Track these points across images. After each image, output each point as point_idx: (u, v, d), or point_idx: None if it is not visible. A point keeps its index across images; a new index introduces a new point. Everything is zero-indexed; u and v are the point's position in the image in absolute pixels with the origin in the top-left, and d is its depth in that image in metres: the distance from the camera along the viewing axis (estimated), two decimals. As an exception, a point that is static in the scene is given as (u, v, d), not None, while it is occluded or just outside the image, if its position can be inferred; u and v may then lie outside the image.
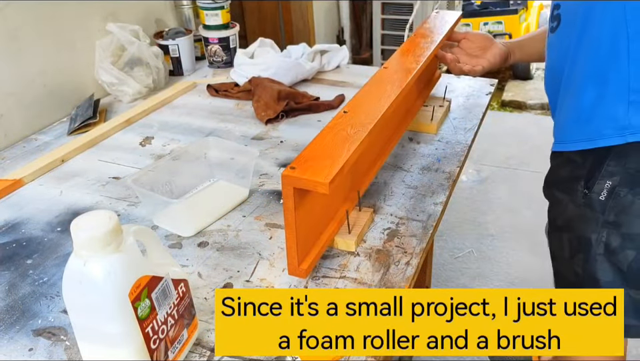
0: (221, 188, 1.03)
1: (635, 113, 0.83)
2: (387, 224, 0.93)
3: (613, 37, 0.82)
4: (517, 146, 2.95)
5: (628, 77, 0.83)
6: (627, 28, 0.81)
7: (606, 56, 0.84)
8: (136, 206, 1.01)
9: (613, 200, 0.89)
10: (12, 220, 0.99)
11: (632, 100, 0.83)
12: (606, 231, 0.91)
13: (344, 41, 3.50)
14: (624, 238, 0.90)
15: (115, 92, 1.45)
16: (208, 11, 1.59)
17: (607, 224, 0.91)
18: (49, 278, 0.85)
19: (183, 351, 0.69)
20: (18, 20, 1.24)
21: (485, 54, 1.16)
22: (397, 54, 1.10)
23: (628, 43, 0.81)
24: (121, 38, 1.44)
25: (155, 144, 1.24)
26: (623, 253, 0.90)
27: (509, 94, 3.62)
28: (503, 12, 3.64)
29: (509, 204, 2.50)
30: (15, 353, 0.72)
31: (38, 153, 1.22)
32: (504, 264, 2.16)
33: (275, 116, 1.30)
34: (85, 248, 0.57)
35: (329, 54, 1.60)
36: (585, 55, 0.87)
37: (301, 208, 0.76)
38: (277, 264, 0.85)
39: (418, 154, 1.14)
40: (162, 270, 0.64)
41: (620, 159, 0.87)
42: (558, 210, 1.01)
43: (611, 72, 0.84)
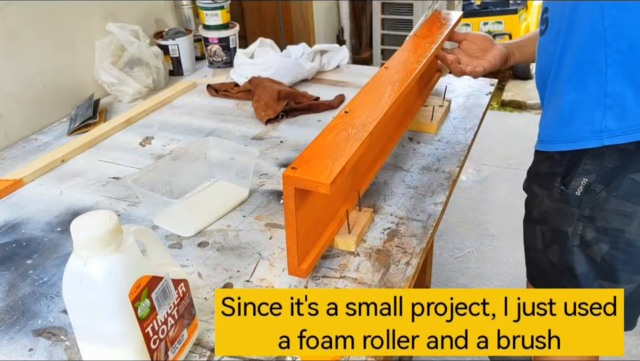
0: (221, 188, 1.03)
1: (611, 117, 0.85)
2: (387, 224, 0.93)
3: (592, 42, 0.84)
4: (516, 146, 2.95)
5: (606, 82, 0.85)
6: (605, 34, 0.82)
7: (586, 61, 0.86)
8: (136, 206, 1.01)
9: (589, 196, 0.93)
10: (12, 220, 0.99)
11: (608, 104, 0.85)
12: (582, 224, 0.95)
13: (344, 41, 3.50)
14: (598, 231, 0.94)
15: (115, 92, 1.45)
16: (208, 11, 1.59)
17: (583, 218, 0.95)
18: (49, 278, 0.85)
19: (183, 351, 0.69)
20: (18, 20, 1.24)
21: (486, 55, 1.17)
22: (397, 54, 1.10)
23: (606, 49, 0.83)
24: (120, 38, 1.44)
25: (155, 144, 1.24)
26: (597, 246, 0.94)
27: (509, 94, 3.63)
28: (502, 12, 3.64)
29: (509, 204, 2.50)
30: (15, 353, 0.72)
31: (38, 153, 1.22)
32: (504, 264, 2.16)
33: (275, 116, 1.30)
34: (85, 248, 0.57)
35: (328, 54, 1.60)
36: (568, 59, 0.89)
37: (301, 208, 0.76)
38: (277, 264, 0.85)
39: (418, 154, 1.14)
40: (162, 270, 0.64)
41: (596, 158, 0.90)
42: (535, 203, 1.05)
43: (590, 77, 0.86)
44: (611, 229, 0.92)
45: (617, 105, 0.85)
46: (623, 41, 0.81)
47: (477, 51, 1.19)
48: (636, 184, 0.88)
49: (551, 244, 1.02)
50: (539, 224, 1.04)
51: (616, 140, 0.86)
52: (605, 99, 0.85)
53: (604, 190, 0.91)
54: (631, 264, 0.94)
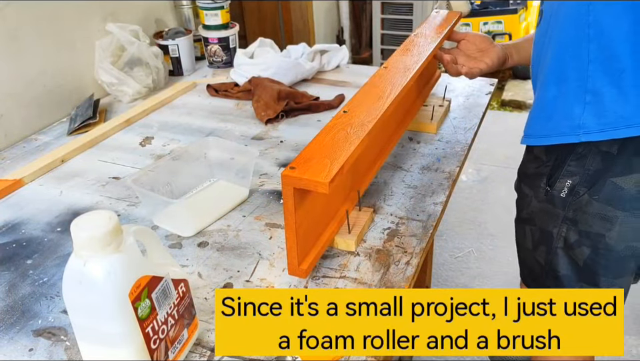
0: (221, 188, 1.03)
1: (590, 114, 0.85)
2: (387, 223, 0.93)
3: (576, 37, 0.84)
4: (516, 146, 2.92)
5: (586, 78, 0.84)
6: (588, 29, 0.82)
7: (569, 56, 0.86)
8: (136, 206, 1.01)
9: (572, 198, 0.93)
10: (12, 220, 0.99)
11: (588, 100, 0.85)
12: (565, 226, 0.96)
13: (344, 41, 3.50)
14: (580, 234, 0.94)
15: (115, 92, 1.45)
16: (207, 11, 1.59)
17: (567, 220, 0.95)
18: (49, 278, 0.85)
19: (183, 351, 0.69)
20: (18, 20, 1.24)
21: (483, 57, 1.17)
22: (396, 54, 1.10)
23: (589, 44, 0.83)
24: (120, 38, 1.44)
25: (155, 144, 1.24)
26: (579, 249, 0.95)
27: (509, 94, 3.62)
28: (502, 12, 3.64)
29: (508, 204, 2.47)
30: (15, 353, 0.72)
31: (38, 153, 1.22)
32: (504, 263, 2.16)
33: (275, 116, 1.30)
34: (85, 248, 0.57)
35: (328, 54, 1.60)
36: (552, 53, 0.89)
37: (301, 208, 0.76)
38: (277, 264, 0.85)
39: (418, 154, 1.14)
40: (162, 270, 0.64)
41: (579, 160, 0.90)
42: (524, 203, 1.05)
43: (572, 72, 0.86)
44: (592, 233, 0.92)
45: (596, 102, 0.84)
46: (605, 38, 0.81)
47: (475, 52, 1.19)
48: (617, 188, 0.88)
49: (538, 244, 1.02)
50: (528, 223, 1.05)
51: (593, 137, 0.85)
52: (585, 95, 0.85)
53: (586, 193, 0.91)
54: (611, 268, 0.94)
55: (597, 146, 0.88)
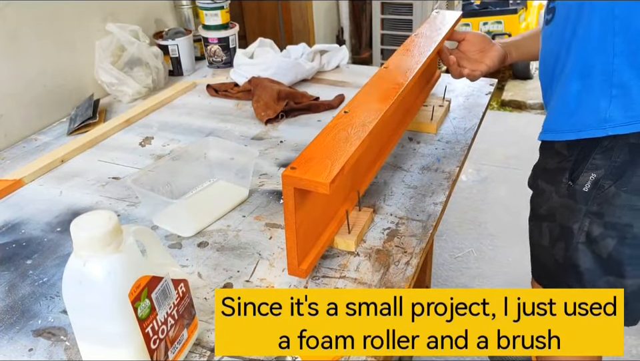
0: (221, 188, 1.03)
1: (616, 107, 0.86)
2: (387, 224, 0.93)
3: (601, 31, 0.84)
4: (516, 146, 2.95)
5: (612, 71, 0.85)
6: (614, 22, 0.82)
7: (594, 50, 0.86)
8: (136, 206, 1.01)
9: (596, 192, 0.93)
10: (12, 220, 0.99)
11: (614, 94, 0.85)
12: (588, 220, 0.95)
13: (344, 41, 3.50)
14: (606, 227, 0.94)
15: (115, 93, 1.45)
16: (207, 11, 1.59)
17: (590, 214, 0.95)
18: (48, 278, 0.85)
19: (183, 351, 0.69)
20: (18, 21, 1.24)
21: (484, 58, 1.18)
22: (397, 54, 1.10)
23: (614, 38, 0.83)
24: (120, 38, 1.44)
25: (155, 144, 1.24)
26: (604, 242, 0.95)
27: (509, 94, 3.63)
28: (502, 12, 3.64)
29: (508, 204, 2.50)
30: (15, 353, 0.72)
31: (38, 153, 1.22)
32: (504, 264, 2.16)
33: (275, 116, 1.30)
34: (85, 248, 0.57)
35: (328, 54, 1.60)
36: (575, 48, 0.89)
37: (301, 208, 0.76)
38: (277, 264, 0.85)
39: (418, 154, 1.14)
40: (162, 270, 0.64)
41: (605, 153, 0.91)
42: (542, 200, 1.05)
43: (597, 66, 0.86)
44: (619, 224, 0.92)
45: (623, 95, 0.85)
46: (632, 31, 0.81)
47: (475, 53, 1.19)
48: None
49: (557, 241, 1.02)
50: (546, 220, 1.04)
51: (620, 130, 0.86)
52: (611, 89, 0.85)
53: (613, 186, 0.91)
54: (638, 258, 0.95)
55: (625, 138, 0.88)
